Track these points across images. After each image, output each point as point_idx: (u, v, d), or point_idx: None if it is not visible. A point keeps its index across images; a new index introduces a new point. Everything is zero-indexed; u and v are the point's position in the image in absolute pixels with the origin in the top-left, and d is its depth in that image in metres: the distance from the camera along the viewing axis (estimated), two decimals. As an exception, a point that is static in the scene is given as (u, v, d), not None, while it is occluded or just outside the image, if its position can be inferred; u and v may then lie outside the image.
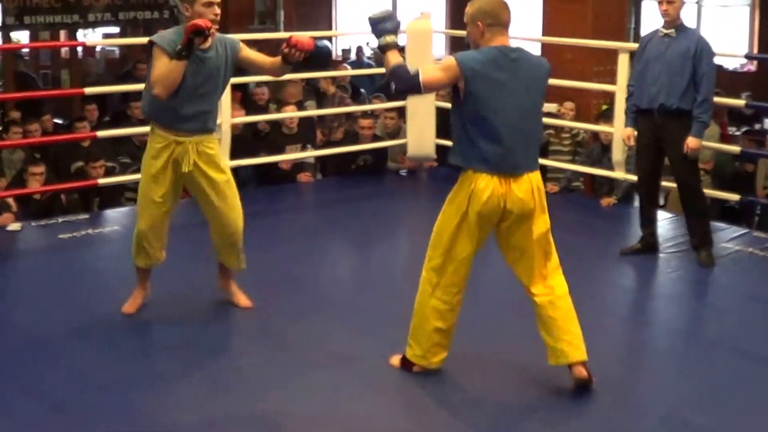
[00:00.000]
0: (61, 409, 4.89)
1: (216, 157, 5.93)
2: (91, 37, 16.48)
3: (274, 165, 9.83)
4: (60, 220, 8.39)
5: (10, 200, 8.46)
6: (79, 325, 6.00)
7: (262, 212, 8.71)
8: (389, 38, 5.00)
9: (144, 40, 5.94)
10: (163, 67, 5.51)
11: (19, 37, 15.79)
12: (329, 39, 17.51)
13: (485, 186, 4.90)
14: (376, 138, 10.27)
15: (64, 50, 16.65)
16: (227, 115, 8.79)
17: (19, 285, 7.05)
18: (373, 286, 6.96)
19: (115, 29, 15.95)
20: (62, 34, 15.77)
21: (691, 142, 7.07)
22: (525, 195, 4.95)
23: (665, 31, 7.22)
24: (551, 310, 5.04)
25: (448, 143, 5.42)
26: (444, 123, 10.02)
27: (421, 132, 9.93)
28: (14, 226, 8.14)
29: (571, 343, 5.03)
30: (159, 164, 5.82)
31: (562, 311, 5.05)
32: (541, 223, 5.05)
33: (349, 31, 19.25)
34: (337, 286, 7.02)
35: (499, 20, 4.96)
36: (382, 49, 5.02)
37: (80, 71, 16.10)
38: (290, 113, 10.23)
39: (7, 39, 15.21)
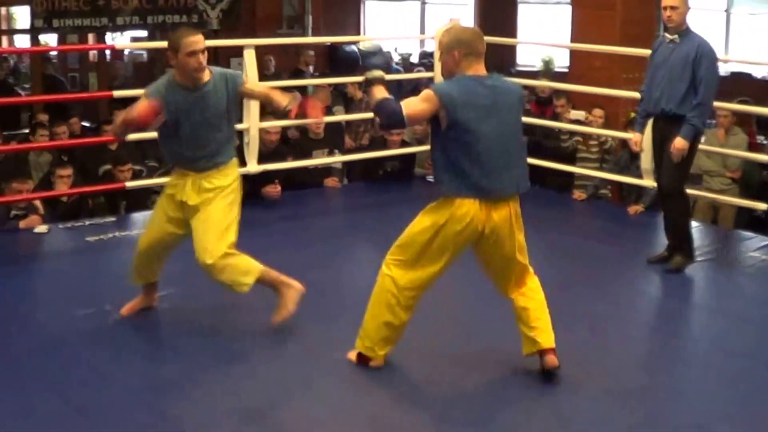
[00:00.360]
0: (85, 410, 4.90)
1: (214, 191, 5.83)
2: (119, 40, 16.52)
3: (301, 169, 9.83)
4: (87, 222, 8.42)
5: (37, 202, 8.48)
6: (103, 327, 6.01)
7: (289, 216, 8.73)
8: (376, 73, 5.10)
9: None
10: (139, 106, 5.53)
11: (47, 40, 15.88)
12: (357, 44, 17.55)
13: (466, 212, 4.99)
14: (404, 144, 10.25)
15: (92, 53, 16.72)
16: (255, 119, 8.79)
17: (45, 286, 7.08)
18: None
19: (143, 33, 16.00)
20: (90, 37, 15.84)
21: (677, 142, 7.00)
22: (503, 221, 5.08)
23: (670, 36, 7.22)
24: (524, 301, 5.25)
25: None
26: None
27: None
28: (41, 228, 8.17)
29: (543, 330, 5.19)
30: (168, 191, 5.95)
31: (534, 302, 5.25)
32: (517, 243, 5.19)
33: (377, 36, 19.27)
34: (359, 291, 6.98)
35: (475, 49, 5.08)
36: (368, 84, 5.10)
37: (108, 74, 16.20)
38: (315, 119, 10.19)
39: (35, 42, 15.29)
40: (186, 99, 5.63)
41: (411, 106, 4.95)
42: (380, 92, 5.03)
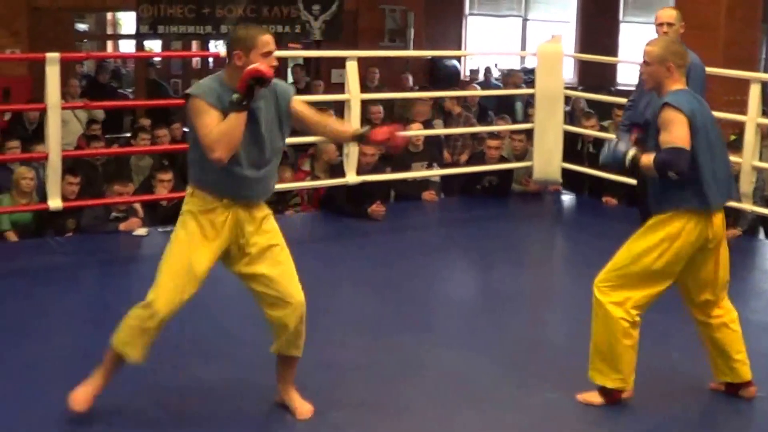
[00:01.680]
0: (177, 413, 4.94)
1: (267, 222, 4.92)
2: (222, 48, 16.66)
3: (399, 181, 9.82)
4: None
5: (137, 205, 8.57)
6: (197, 331, 6.02)
7: (387, 228, 8.73)
8: (631, 154, 5.05)
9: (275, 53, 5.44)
10: (215, 123, 4.53)
11: (151, 46, 16.08)
12: (458, 59, 17.54)
13: (697, 221, 4.96)
14: (502, 159, 10.19)
15: (195, 60, 16.91)
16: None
17: (142, 289, 7.11)
18: (488, 308, 6.87)
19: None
20: (194, 44, 16.02)
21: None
22: (720, 228, 5.06)
23: None
24: (724, 329, 5.18)
25: (574, 167, 5.47)
26: (571, 147, 9.98)
27: (548, 155, 9.84)
28: (141, 231, 8.27)
29: (744, 363, 5.19)
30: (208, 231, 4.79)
31: (735, 333, 5.21)
32: (725, 253, 5.14)
33: (478, 51, 19.23)
34: (454, 304, 6.95)
35: (685, 62, 5.10)
36: (636, 165, 5.04)
37: (210, 82, 16.33)
38: (416, 131, 10.21)
39: (140, 48, 15.50)
40: None
41: (680, 137, 4.85)
42: (647, 159, 4.94)
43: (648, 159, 4.90)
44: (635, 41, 17.15)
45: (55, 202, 7.89)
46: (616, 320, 5.00)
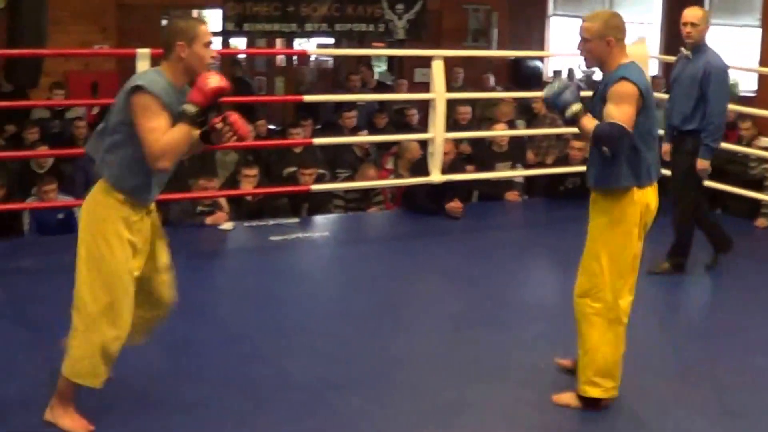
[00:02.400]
0: (265, 405, 4.99)
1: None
2: (306, 46, 16.77)
3: (483, 181, 9.83)
4: (271, 222, 8.56)
5: (223, 200, 8.67)
6: (281, 325, 6.11)
7: (469, 227, 8.76)
8: (575, 108, 4.79)
9: (359, 52, 5.47)
10: (164, 129, 4.30)
11: (236, 43, 16.20)
12: (541, 59, 17.46)
13: (645, 195, 4.88)
14: (586, 161, 10.11)
15: (279, 58, 17.00)
16: (440, 129, 8.87)
17: (228, 282, 7.23)
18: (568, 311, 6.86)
19: (330, 40, 16.21)
20: (278, 42, 16.12)
21: (699, 163, 7.17)
22: (655, 202, 4.98)
23: (686, 52, 7.26)
24: None
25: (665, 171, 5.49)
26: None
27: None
28: (227, 225, 8.37)
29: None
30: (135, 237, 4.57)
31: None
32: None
33: (562, 51, 19.10)
34: (534, 304, 6.92)
35: (624, 35, 4.90)
36: (573, 121, 4.82)
37: (294, 79, 16.46)
38: (499, 131, 10.22)
39: (225, 45, 15.64)
40: (179, 102, 4.41)
41: (623, 113, 4.69)
42: (590, 122, 4.76)
43: (590, 123, 4.73)
44: (722, 43, 17.06)
45: (144, 195, 7.97)
46: (614, 328, 4.92)
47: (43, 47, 11.14)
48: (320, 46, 16.84)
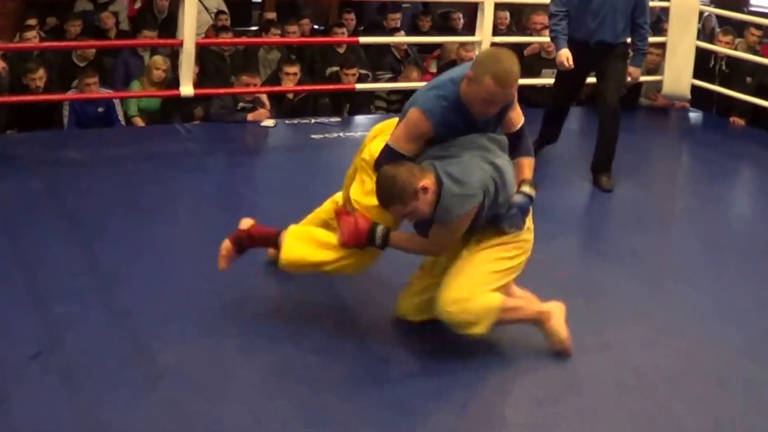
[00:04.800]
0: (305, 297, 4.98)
1: None
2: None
3: (529, 87, 9.71)
4: (312, 120, 8.51)
5: (264, 97, 8.60)
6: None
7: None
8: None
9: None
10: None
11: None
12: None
13: None
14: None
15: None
16: (488, 33, 8.80)
17: (270, 178, 7.21)
18: (613, 218, 6.80)
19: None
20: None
21: (634, 72, 7.49)
22: None
23: None
24: None
25: (704, 84, 5.41)
26: (702, 64, 9.75)
27: (678, 71, 9.63)
28: (268, 122, 8.32)
29: None
30: None
31: None
32: None
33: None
34: (569, 214, 6.84)
35: None
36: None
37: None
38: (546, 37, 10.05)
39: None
40: None
41: None
42: None
43: None
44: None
45: (187, 89, 7.95)
46: None
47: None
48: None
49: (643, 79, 9.86)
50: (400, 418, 3.94)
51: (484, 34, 8.72)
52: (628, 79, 7.50)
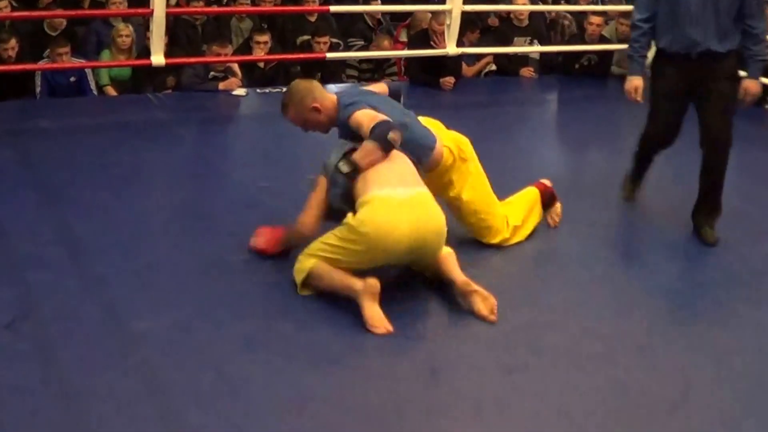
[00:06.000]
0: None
1: None
2: None
3: (500, 56, 9.75)
4: (284, 89, 8.49)
5: (235, 66, 8.61)
6: (296, 188, 5.97)
7: (484, 103, 8.72)
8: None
9: None
10: None
11: None
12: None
13: None
14: (603, 39, 10.03)
15: None
16: (458, 1, 8.79)
17: (241, 148, 7.23)
18: (583, 190, 6.82)
19: None
20: None
21: (751, 86, 5.76)
22: None
23: None
24: None
25: None
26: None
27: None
28: (240, 91, 8.35)
29: None
30: None
31: None
32: None
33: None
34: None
35: None
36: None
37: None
38: (520, 6, 10.09)
39: None
40: None
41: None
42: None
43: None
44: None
45: (158, 59, 7.94)
46: None
47: None
48: None
49: (612, 47, 9.93)
50: (369, 387, 3.99)
51: (454, 2, 8.72)
52: (745, 97, 5.78)
